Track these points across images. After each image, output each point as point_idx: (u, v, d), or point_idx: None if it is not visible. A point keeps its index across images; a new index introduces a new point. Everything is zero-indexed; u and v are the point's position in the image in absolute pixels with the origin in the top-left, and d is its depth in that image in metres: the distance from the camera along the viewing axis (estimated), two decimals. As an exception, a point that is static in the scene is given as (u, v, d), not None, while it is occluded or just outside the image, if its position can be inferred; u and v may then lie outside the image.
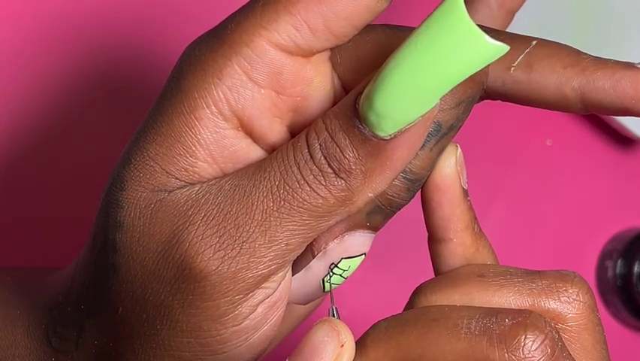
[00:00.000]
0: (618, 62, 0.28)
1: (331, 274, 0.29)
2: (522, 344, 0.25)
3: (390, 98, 0.24)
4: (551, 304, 0.27)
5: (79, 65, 0.50)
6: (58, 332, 0.30)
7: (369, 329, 0.27)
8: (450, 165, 0.28)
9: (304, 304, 0.30)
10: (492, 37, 0.23)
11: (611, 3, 0.54)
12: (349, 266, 0.29)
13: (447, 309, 0.26)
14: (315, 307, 0.38)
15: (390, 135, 0.25)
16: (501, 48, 0.23)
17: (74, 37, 0.50)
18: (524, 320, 0.25)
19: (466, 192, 0.29)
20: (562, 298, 0.27)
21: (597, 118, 0.56)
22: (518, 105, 0.29)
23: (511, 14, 0.42)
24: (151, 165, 0.27)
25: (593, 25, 0.54)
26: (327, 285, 0.29)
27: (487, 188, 0.55)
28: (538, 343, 0.25)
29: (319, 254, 0.28)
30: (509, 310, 0.26)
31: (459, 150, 0.28)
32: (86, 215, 0.32)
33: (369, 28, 0.28)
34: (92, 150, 0.50)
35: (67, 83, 0.50)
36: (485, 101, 0.30)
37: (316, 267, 0.28)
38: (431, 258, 0.30)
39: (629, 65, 0.28)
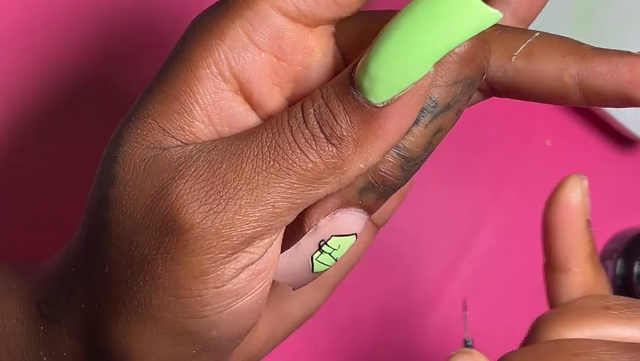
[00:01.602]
0: (617, 50, 0.28)
1: (320, 251, 0.28)
2: None
3: (384, 62, 0.25)
4: None
5: (77, 64, 0.51)
6: (49, 301, 0.30)
7: None
8: (576, 196, 0.29)
9: (293, 287, 0.30)
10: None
11: (613, 2, 0.54)
12: (339, 245, 0.28)
13: (587, 343, 0.26)
14: (312, 314, 0.37)
15: (383, 103, 0.25)
16: (494, 15, 0.23)
17: (72, 34, 0.50)
18: None
19: (589, 223, 0.29)
20: None
21: (597, 118, 0.56)
22: (519, 105, 0.29)
23: (524, 25, 0.41)
24: (149, 122, 0.27)
25: (594, 24, 0.54)
26: (315, 264, 0.29)
27: (487, 188, 0.55)
28: None
29: (310, 231, 0.28)
30: None
31: (585, 181, 0.29)
32: (83, 211, 0.32)
33: (377, 13, 0.28)
34: (91, 149, 0.50)
35: (66, 83, 0.50)
36: (486, 100, 0.30)
37: (306, 243, 0.28)
38: (547, 286, 0.30)
39: (627, 53, 0.28)
